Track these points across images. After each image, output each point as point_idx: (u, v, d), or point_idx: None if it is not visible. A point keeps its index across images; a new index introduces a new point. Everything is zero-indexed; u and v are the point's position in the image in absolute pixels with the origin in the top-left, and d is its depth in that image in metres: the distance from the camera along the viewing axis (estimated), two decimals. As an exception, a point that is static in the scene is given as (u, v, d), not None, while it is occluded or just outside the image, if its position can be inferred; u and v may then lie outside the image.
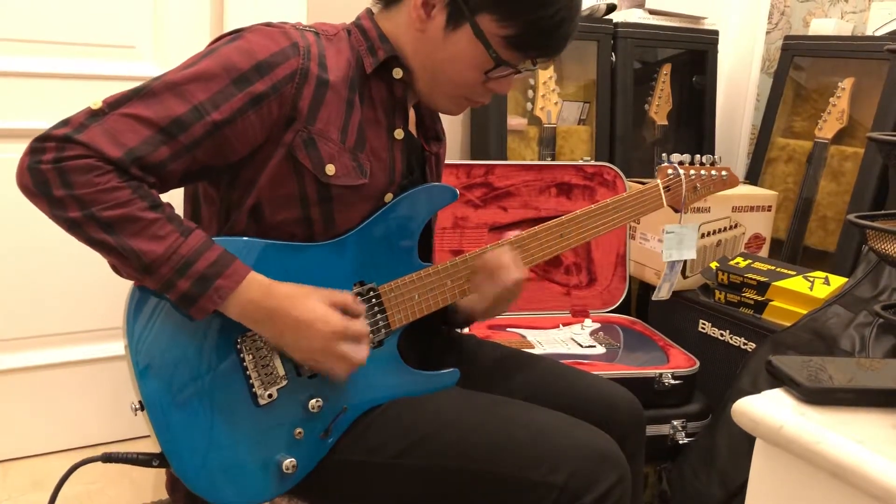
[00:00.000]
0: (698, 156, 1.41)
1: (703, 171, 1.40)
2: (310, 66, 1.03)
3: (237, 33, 1.04)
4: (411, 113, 1.19)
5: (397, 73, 1.11)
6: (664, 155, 1.41)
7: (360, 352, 1.03)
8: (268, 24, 1.05)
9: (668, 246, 1.47)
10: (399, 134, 1.13)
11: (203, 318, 0.97)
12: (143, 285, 0.97)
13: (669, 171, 1.38)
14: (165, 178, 0.98)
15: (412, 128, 1.19)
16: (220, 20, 1.91)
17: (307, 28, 1.08)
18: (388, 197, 1.13)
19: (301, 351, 1.01)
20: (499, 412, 1.08)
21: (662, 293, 1.55)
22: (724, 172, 1.43)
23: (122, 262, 0.93)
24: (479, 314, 1.24)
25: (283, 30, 1.04)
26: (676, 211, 1.39)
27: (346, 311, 1.03)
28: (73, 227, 0.92)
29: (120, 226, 0.92)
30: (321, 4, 1.92)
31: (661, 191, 1.35)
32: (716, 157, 1.43)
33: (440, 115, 1.25)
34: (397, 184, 1.14)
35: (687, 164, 1.40)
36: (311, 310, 1.00)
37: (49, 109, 1.73)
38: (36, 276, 1.81)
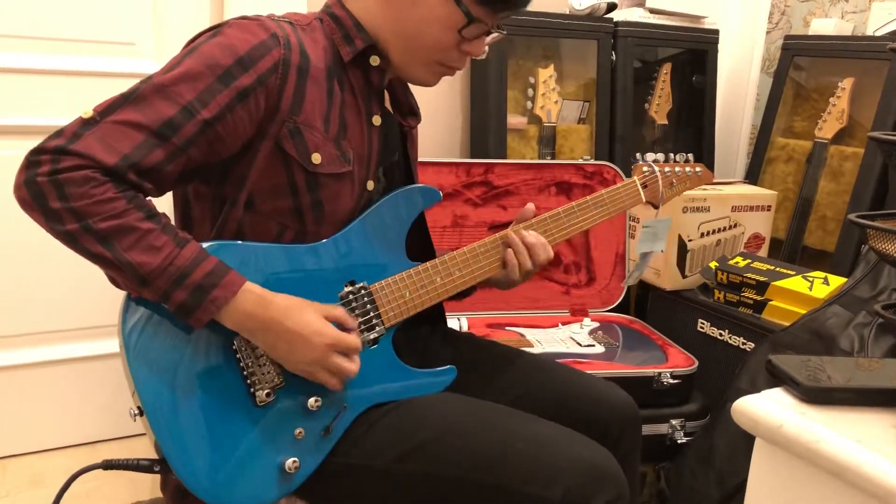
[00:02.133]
0: (671, 154, 1.44)
1: (677, 168, 1.44)
2: (291, 56, 1.03)
3: (215, 29, 1.04)
4: (385, 94, 1.20)
5: (374, 60, 1.12)
6: (637, 154, 1.44)
7: (352, 365, 1.03)
8: (244, 18, 1.06)
9: (644, 239, 1.50)
10: (377, 120, 1.14)
11: (201, 326, 0.97)
12: (141, 296, 0.97)
13: (645, 168, 1.41)
14: (161, 182, 0.99)
15: (388, 106, 1.19)
16: (219, 16, 1.91)
17: (282, 18, 1.08)
18: (370, 184, 1.14)
19: (294, 362, 1.01)
20: (499, 422, 1.07)
21: (631, 280, 1.61)
22: (698, 169, 1.47)
23: (120, 274, 0.94)
24: (502, 286, 1.26)
25: (260, 21, 1.05)
26: (655, 207, 1.42)
27: (339, 326, 1.04)
28: (69, 240, 0.93)
29: (116, 237, 0.92)
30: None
31: (639, 187, 1.37)
32: (715, 153, 1.45)
33: (411, 87, 1.25)
34: (374, 170, 1.15)
35: (661, 162, 1.43)
36: (306, 322, 1.00)
37: (49, 106, 1.73)
38: (35, 272, 1.81)
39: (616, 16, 2.37)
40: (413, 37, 1.10)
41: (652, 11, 2.42)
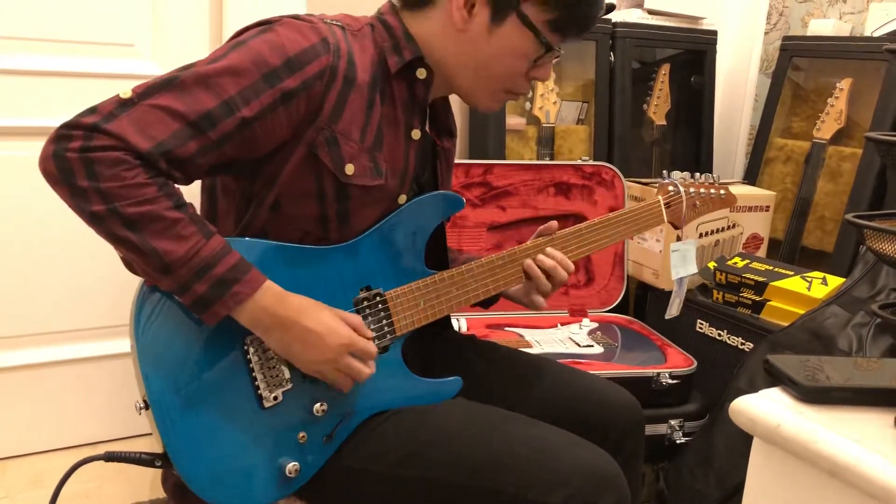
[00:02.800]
0: (698, 173, 1.42)
1: (702, 189, 1.42)
2: (339, 63, 1.02)
3: (266, 25, 1.02)
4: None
5: (421, 73, 1.10)
6: (665, 172, 1.42)
7: (365, 369, 1.03)
8: (296, 17, 1.04)
9: (675, 264, 1.47)
10: (416, 134, 1.12)
11: (215, 322, 0.96)
12: (157, 285, 0.96)
13: (670, 187, 1.39)
14: (191, 173, 0.98)
15: (426, 125, 1.18)
16: (218, 18, 1.91)
17: (334, 22, 1.06)
18: (402, 199, 1.12)
19: (308, 362, 1.01)
20: (501, 427, 1.07)
21: (674, 310, 1.55)
22: (722, 191, 1.44)
23: (142, 260, 0.92)
24: (522, 304, 1.27)
25: (313, 24, 1.03)
26: (676, 227, 1.40)
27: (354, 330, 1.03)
28: (94, 220, 0.91)
29: (143, 223, 0.90)
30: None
31: (663, 207, 1.36)
32: (713, 154, 1.43)
33: (453, 110, 1.25)
34: (409, 185, 1.13)
35: (687, 182, 1.41)
36: (322, 321, 1.00)
37: (48, 107, 1.73)
38: (36, 273, 1.81)
39: (614, 17, 2.37)
40: (485, 67, 1.10)
41: (650, 12, 2.42)
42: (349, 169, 1.04)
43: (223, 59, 0.97)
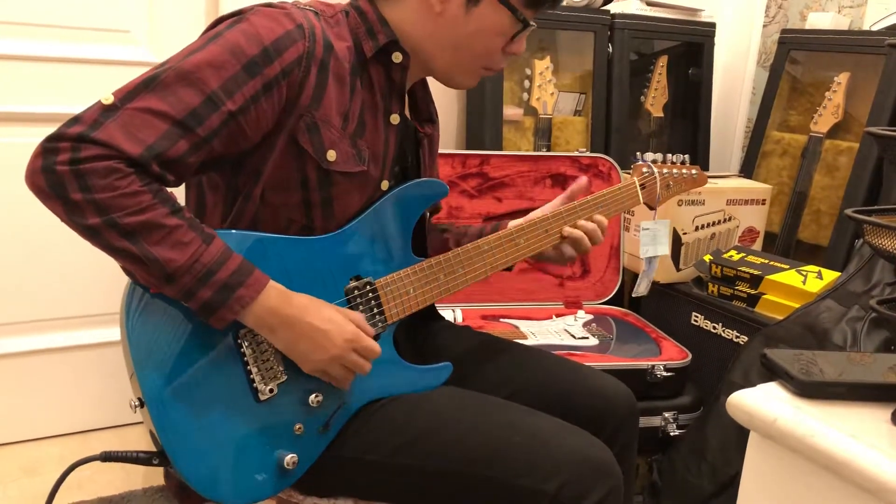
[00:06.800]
0: (670, 155, 1.46)
1: (674, 170, 1.45)
2: (315, 49, 1.01)
3: (239, 16, 1.01)
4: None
5: (396, 57, 1.10)
6: (638, 154, 1.45)
7: (367, 365, 1.04)
8: (268, 5, 1.03)
9: (645, 242, 1.50)
10: (395, 119, 1.12)
11: (223, 326, 0.95)
12: (161, 292, 0.94)
13: (644, 169, 1.42)
14: (183, 173, 0.96)
15: (406, 111, 1.18)
16: (215, 5, 1.89)
17: (308, 7, 1.06)
18: (385, 184, 1.12)
19: (313, 360, 1.00)
20: (495, 415, 1.07)
21: (641, 289, 1.59)
22: (693, 171, 1.48)
23: (143, 270, 0.91)
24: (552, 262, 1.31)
25: (287, 10, 1.02)
26: (651, 208, 1.43)
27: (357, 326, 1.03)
28: (91, 233, 0.89)
29: (142, 233, 0.89)
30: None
31: (638, 188, 1.37)
32: (710, 147, 1.45)
33: (433, 97, 1.25)
34: (390, 170, 1.13)
35: (660, 163, 1.44)
36: (328, 318, 1.00)
37: (42, 93, 1.71)
38: (28, 260, 1.80)
39: (613, 8, 2.36)
40: (463, 48, 1.10)
41: (649, 4, 2.41)
42: (331, 155, 1.04)
43: (201, 51, 0.96)
